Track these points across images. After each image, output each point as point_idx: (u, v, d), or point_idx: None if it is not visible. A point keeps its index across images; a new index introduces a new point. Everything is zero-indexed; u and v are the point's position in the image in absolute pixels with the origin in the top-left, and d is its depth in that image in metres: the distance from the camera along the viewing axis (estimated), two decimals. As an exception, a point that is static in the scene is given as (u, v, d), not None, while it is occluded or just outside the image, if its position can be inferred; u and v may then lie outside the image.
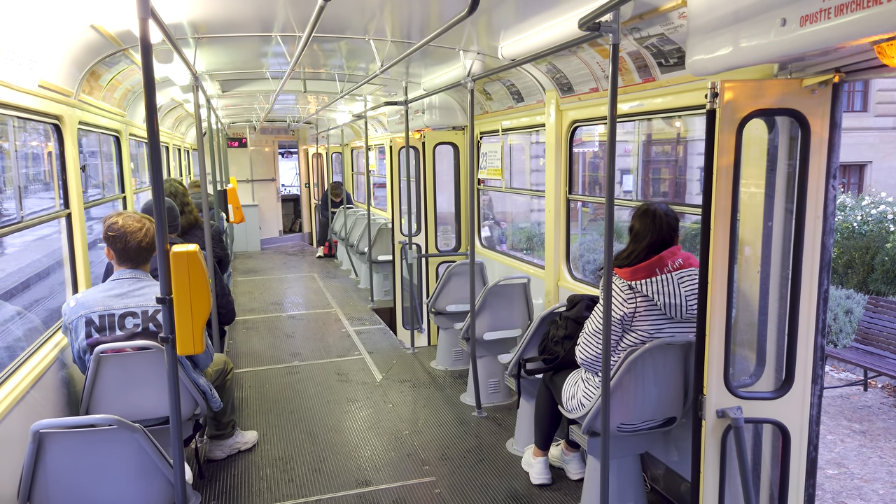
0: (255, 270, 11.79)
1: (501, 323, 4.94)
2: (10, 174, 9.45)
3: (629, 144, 16.57)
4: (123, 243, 3.03)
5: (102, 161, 5.92)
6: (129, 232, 3.03)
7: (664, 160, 17.93)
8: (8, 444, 2.63)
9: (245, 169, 15.23)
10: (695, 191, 17.24)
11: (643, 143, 17.25)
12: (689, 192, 17.33)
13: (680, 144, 17.30)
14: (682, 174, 17.34)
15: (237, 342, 6.95)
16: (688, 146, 17.07)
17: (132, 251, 3.05)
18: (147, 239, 3.07)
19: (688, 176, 17.12)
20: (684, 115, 3.51)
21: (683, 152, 17.28)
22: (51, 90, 3.41)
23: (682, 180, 17.40)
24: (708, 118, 2.41)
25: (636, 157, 16.99)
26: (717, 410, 2.50)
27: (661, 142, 17.78)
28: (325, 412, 4.98)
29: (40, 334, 3.45)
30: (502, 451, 4.28)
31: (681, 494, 3.56)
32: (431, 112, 6.67)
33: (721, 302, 2.45)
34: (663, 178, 18.08)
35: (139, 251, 3.07)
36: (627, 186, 17.42)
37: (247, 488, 3.84)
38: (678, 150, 17.50)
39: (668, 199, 17.12)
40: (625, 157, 16.80)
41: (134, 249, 3.05)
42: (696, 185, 17.18)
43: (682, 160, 17.39)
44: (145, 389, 3.10)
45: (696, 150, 16.96)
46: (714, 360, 2.47)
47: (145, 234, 3.06)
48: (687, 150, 17.11)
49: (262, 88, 7.55)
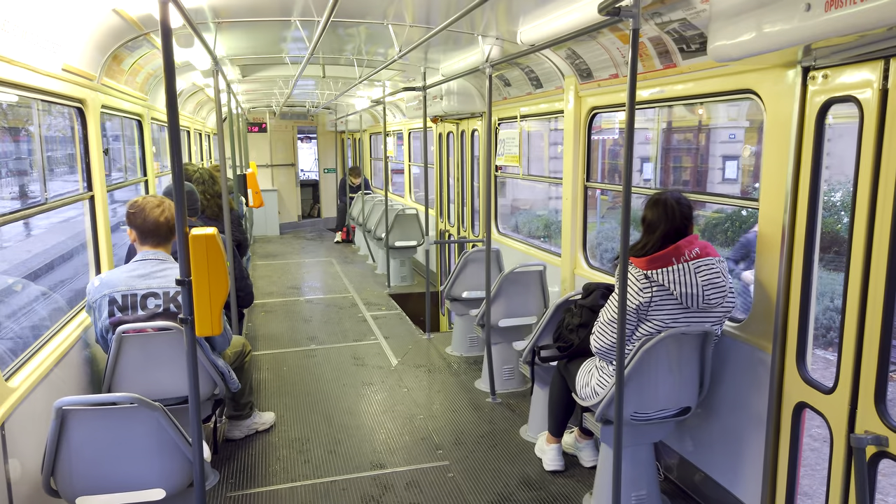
0: (274, 255, 11.90)
1: (516, 310, 4.94)
2: (35, 157, 9.61)
3: (649, 132, 16.27)
4: (142, 219, 3.09)
5: (125, 145, 6.00)
6: (148, 209, 3.09)
7: (685, 148, 17.59)
8: (32, 421, 2.70)
9: (265, 154, 15.33)
10: (716, 179, 16.91)
11: (663, 131, 16.93)
12: (710, 182, 16.99)
13: (702, 132, 16.95)
14: (704, 162, 17.00)
15: (256, 325, 7.03)
16: (710, 134, 16.71)
17: (150, 228, 3.11)
18: (165, 215, 3.12)
19: (710, 164, 16.78)
20: (706, 101, 3.46)
21: (706, 140, 16.92)
22: (74, 74, 3.46)
23: (704, 168, 17.07)
24: None
25: (655, 144, 16.69)
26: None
27: (682, 129, 17.43)
28: (341, 395, 5.03)
29: (63, 314, 3.52)
30: (516, 437, 4.30)
31: (694, 484, 3.55)
32: (450, 98, 6.65)
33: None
34: (684, 166, 17.73)
35: (157, 227, 3.12)
36: (647, 174, 17.12)
37: (264, 468, 3.91)
38: (700, 137, 17.15)
39: (688, 188, 16.84)
40: (645, 144, 16.51)
41: (152, 226, 3.11)
42: (717, 173, 16.85)
43: (703, 148, 17.03)
44: (165, 369, 3.16)
45: (718, 138, 16.59)
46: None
47: (163, 212, 3.12)
48: (710, 138, 16.73)
49: (281, 73, 7.58)
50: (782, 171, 2.79)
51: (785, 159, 2.76)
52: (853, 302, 2.40)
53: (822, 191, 2.68)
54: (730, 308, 3.02)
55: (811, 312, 2.75)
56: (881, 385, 2.35)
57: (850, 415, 2.45)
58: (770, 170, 2.88)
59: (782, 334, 2.82)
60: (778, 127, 2.82)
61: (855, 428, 2.43)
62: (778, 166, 2.82)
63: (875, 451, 2.33)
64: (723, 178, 16.68)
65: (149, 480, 2.47)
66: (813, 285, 2.73)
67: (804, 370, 2.75)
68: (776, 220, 2.86)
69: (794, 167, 2.71)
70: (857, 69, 2.39)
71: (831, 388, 2.55)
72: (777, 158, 2.83)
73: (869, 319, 2.35)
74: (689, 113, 15.84)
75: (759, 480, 2.98)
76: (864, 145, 2.35)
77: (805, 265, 2.71)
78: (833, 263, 8.05)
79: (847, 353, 2.44)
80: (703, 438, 3.48)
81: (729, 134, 16.67)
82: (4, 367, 2.65)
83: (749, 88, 3.01)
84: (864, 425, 2.40)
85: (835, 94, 2.50)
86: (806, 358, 2.77)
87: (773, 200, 2.88)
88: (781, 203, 2.80)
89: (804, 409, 2.75)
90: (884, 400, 2.35)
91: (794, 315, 2.76)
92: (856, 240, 2.39)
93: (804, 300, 2.72)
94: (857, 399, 2.43)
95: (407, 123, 10.35)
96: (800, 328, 2.75)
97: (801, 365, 2.76)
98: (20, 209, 3.05)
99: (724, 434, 3.30)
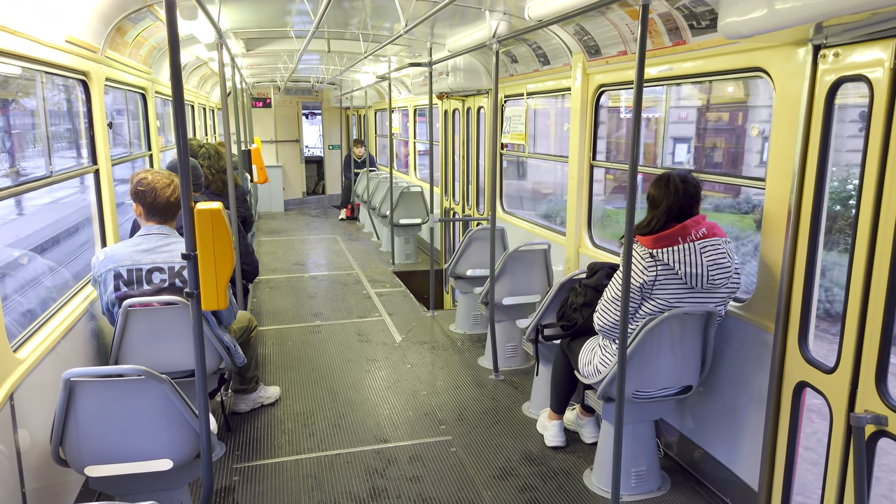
0: (279, 231, 11.91)
1: (520, 288, 4.95)
2: (39, 131, 9.55)
3: (683, 111, 15.52)
4: (153, 198, 3.09)
5: (129, 119, 5.96)
6: (159, 188, 3.09)
7: (719, 128, 16.70)
8: (41, 392, 2.74)
9: (269, 129, 15.26)
10: (752, 162, 16.11)
11: (699, 109, 16.15)
12: (745, 164, 16.24)
13: (740, 111, 16.17)
14: (741, 143, 16.20)
15: (261, 301, 7.07)
16: (748, 113, 15.79)
17: (160, 207, 3.12)
18: (175, 195, 3.13)
19: (746, 146, 15.97)
20: (714, 79, 3.42)
21: (743, 120, 16.08)
22: (78, 46, 3.43)
23: (740, 150, 16.33)
24: None
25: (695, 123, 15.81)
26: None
27: (718, 107, 16.51)
28: (346, 371, 5.08)
29: (63, 291, 3.54)
30: (518, 413, 4.34)
31: (694, 461, 3.59)
32: (456, 74, 6.59)
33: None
34: (719, 146, 16.83)
35: (167, 207, 3.13)
36: (680, 157, 16.18)
37: (269, 440, 3.96)
38: (738, 117, 16.36)
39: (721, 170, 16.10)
40: (683, 124, 15.51)
41: (162, 205, 3.12)
42: (754, 156, 16.01)
43: (739, 129, 16.17)
44: (172, 343, 3.19)
45: (756, 117, 15.48)
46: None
47: (173, 191, 3.12)
48: (747, 117, 15.81)
49: (286, 48, 7.51)
50: (790, 151, 2.77)
51: (793, 139, 2.74)
52: (857, 282, 2.40)
53: (829, 171, 2.67)
54: (734, 289, 3.03)
55: (814, 293, 2.75)
56: (882, 365, 2.36)
57: (850, 394, 2.46)
58: (778, 149, 2.86)
59: (785, 314, 2.82)
60: (787, 106, 2.79)
61: (855, 407, 2.45)
62: (786, 146, 2.80)
63: (874, 431, 2.35)
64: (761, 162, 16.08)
65: (156, 451, 2.51)
66: (817, 266, 2.72)
67: (806, 350, 2.76)
68: (782, 199, 2.84)
69: (801, 147, 2.69)
70: (868, 48, 2.35)
71: (832, 368, 2.56)
72: (785, 138, 2.81)
73: (872, 300, 2.35)
74: (725, 91, 14.98)
75: (758, 458, 3.01)
76: (874, 124, 2.32)
77: (810, 245, 2.70)
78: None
79: (850, 334, 2.45)
80: (703, 416, 3.51)
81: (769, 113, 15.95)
82: (12, 339, 2.67)
83: (759, 66, 2.97)
84: (863, 405, 2.41)
85: (845, 73, 2.47)
86: (808, 338, 2.78)
87: (780, 180, 2.86)
88: (788, 183, 2.79)
89: (805, 388, 2.76)
90: (885, 380, 2.36)
91: (798, 295, 2.77)
92: (862, 219, 2.38)
93: (808, 280, 2.72)
94: (857, 379, 2.44)
95: (412, 100, 10.27)
96: (803, 308, 2.76)
97: (804, 345, 2.77)
98: (24, 181, 3.05)
99: (725, 412, 3.32)
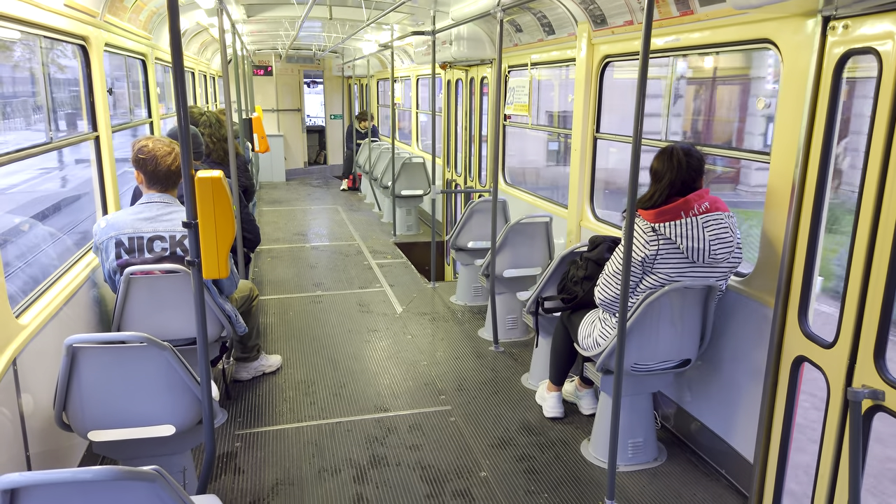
0: (280, 201, 11.89)
1: (522, 261, 4.96)
2: (39, 98, 9.45)
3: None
4: (154, 166, 3.08)
5: (129, 88, 5.89)
6: (160, 156, 3.08)
7: None
8: (44, 357, 2.77)
9: (271, 98, 15.12)
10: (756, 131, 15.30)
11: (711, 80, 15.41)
12: None
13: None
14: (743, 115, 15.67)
15: (262, 271, 7.09)
16: (749, 86, 15.18)
17: (161, 175, 3.10)
18: (176, 163, 3.11)
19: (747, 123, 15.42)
20: (722, 51, 3.37)
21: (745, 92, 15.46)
22: (77, 10, 3.38)
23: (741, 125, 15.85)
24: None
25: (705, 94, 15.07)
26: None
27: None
28: (347, 340, 5.11)
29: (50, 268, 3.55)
30: (517, 384, 4.38)
31: (690, 433, 3.63)
32: (459, 43, 6.50)
33: None
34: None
35: (168, 175, 3.12)
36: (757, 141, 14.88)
37: (271, 408, 4.01)
38: None
39: None
40: None
41: (163, 173, 3.10)
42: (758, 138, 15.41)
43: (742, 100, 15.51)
44: (173, 311, 3.20)
45: (759, 90, 14.67)
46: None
47: (175, 159, 3.11)
48: (749, 90, 15.22)
49: (287, 14, 7.41)
50: (796, 125, 2.73)
51: (800, 112, 2.70)
52: (859, 257, 2.40)
53: (834, 145, 2.64)
54: (736, 263, 3.02)
55: (815, 268, 2.75)
56: (882, 340, 2.37)
57: (848, 369, 2.48)
58: (784, 122, 2.83)
59: (786, 289, 2.82)
60: (794, 78, 2.75)
61: (853, 382, 2.46)
62: (792, 119, 2.77)
63: (871, 405, 2.37)
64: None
65: (159, 417, 2.54)
66: (819, 241, 2.71)
67: (805, 325, 2.76)
68: (786, 174, 2.82)
69: (808, 121, 2.66)
70: (878, 20, 2.31)
71: (831, 343, 2.57)
72: (792, 111, 2.77)
73: (874, 275, 2.35)
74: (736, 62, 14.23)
75: (755, 431, 3.04)
76: (881, 98, 2.29)
77: (813, 221, 2.69)
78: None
79: (850, 309, 2.45)
80: (701, 389, 3.54)
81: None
82: (14, 304, 2.69)
83: (767, 38, 2.92)
84: (861, 380, 2.42)
85: (854, 46, 2.43)
86: (808, 313, 2.79)
87: (785, 154, 2.83)
88: (793, 157, 2.76)
89: (803, 362, 2.78)
90: (883, 355, 2.37)
91: (799, 270, 2.76)
92: (866, 194, 2.37)
93: (810, 256, 2.71)
94: (856, 354, 2.45)
95: (415, 69, 10.15)
96: (804, 283, 2.76)
97: (803, 319, 2.77)
98: (25, 147, 3.03)
99: (723, 386, 3.35)
